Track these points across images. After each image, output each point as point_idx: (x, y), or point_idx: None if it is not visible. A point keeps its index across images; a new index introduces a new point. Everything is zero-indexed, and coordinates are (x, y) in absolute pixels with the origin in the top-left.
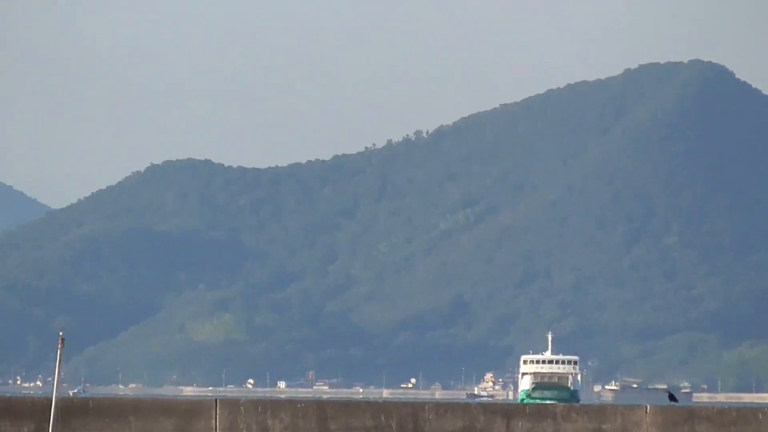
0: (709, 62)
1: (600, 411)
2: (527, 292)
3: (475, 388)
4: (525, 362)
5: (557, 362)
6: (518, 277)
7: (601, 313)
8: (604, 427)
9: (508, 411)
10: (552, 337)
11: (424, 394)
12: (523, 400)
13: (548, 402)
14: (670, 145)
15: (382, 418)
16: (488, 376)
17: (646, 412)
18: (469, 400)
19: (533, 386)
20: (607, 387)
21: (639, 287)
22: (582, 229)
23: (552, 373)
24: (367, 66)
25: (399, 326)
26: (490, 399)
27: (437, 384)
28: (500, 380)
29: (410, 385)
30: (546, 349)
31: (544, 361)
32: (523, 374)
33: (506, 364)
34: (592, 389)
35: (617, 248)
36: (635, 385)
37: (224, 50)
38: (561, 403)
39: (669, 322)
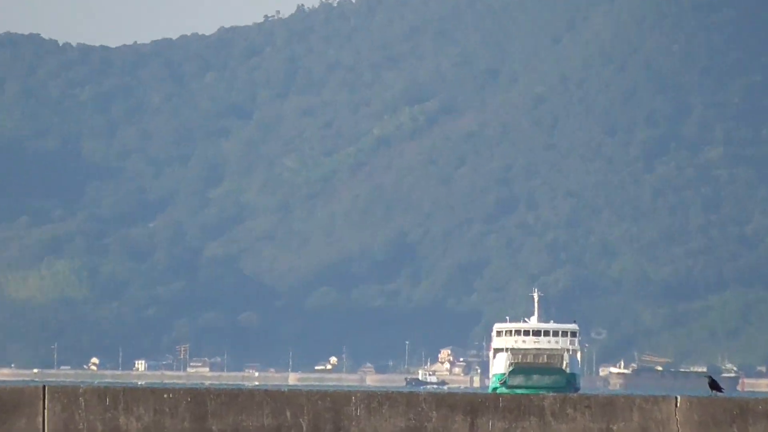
0: None
1: (609, 404)
2: (502, 229)
3: (420, 372)
4: (499, 334)
5: (546, 333)
6: (488, 208)
7: (611, 260)
8: (614, 427)
9: (474, 405)
10: (539, 297)
11: (349, 380)
12: (496, 388)
13: (533, 391)
14: (711, 14)
15: (288, 414)
16: (444, 353)
17: (677, 405)
18: (414, 388)
19: (511, 368)
20: (613, 370)
21: (666, 222)
22: (582, 137)
23: (539, 349)
24: None
25: (313, 280)
26: (441, 388)
27: (368, 365)
28: (461, 360)
29: (329, 367)
30: (531, 315)
31: (527, 332)
32: (497, 351)
33: (471, 337)
34: (597, 373)
35: (634, 164)
36: (659, 368)
37: None
38: (551, 393)
39: (710, 274)
